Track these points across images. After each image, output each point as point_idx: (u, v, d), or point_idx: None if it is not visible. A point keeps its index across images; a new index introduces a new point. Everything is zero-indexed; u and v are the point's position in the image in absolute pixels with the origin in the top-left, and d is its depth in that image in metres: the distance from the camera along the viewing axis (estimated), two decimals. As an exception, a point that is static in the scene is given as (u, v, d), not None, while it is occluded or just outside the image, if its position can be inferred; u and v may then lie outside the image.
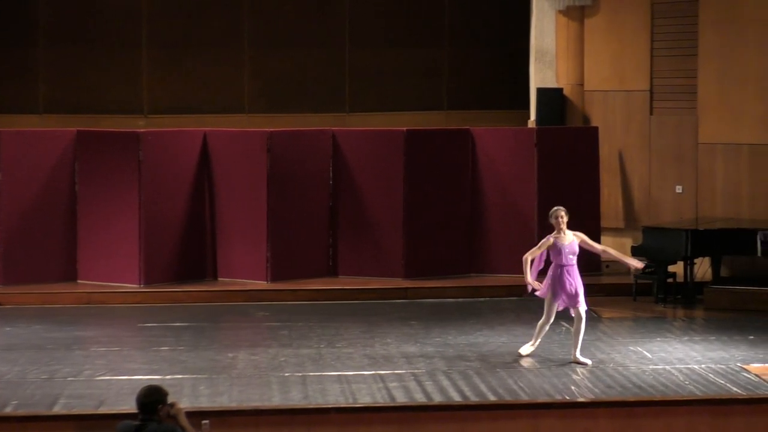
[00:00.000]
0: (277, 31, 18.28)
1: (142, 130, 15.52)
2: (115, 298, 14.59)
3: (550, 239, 11.44)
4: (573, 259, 11.41)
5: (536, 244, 15.30)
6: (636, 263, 11.82)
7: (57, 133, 15.38)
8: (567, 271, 11.36)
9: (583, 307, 11.42)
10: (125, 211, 14.87)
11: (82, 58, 18.04)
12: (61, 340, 12.50)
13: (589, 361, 11.41)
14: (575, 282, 11.39)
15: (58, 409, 9.79)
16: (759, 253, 14.10)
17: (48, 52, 18.04)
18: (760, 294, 14.17)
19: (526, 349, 11.70)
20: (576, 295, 11.35)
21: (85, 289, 14.78)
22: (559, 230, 11.42)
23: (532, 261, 11.47)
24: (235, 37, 18.22)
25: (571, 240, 11.44)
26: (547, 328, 11.64)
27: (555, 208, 11.52)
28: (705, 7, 15.66)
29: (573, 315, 11.48)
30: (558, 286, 11.36)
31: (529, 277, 11.40)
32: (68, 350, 12.01)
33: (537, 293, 11.51)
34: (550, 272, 11.45)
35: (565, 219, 11.41)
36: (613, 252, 11.71)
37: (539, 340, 11.70)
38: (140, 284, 14.82)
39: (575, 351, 11.48)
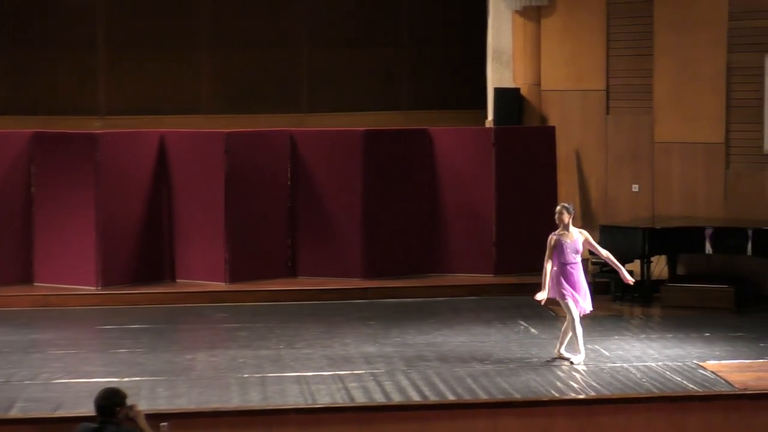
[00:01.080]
0: (235, 31, 18.23)
1: (98, 131, 15.43)
2: (72, 300, 14.49)
3: (552, 238, 11.22)
4: (576, 258, 11.25)
5: (493, 243, 15.55)
6: (629, 278, 11.52)
7: (12, 135, 15.25)
8: (570, 269, 11.18)
9: (586, 307, 11.28)
10: (82, 213, 14.77)
11: (38, 58, 17.92)
12: (18, 343, 12.41)
13: (572, 357, 11.36)
14: (579, 281, 11.23)
15: (15, 413, 9.72)
16: (708, 251, 14.22)
17: (2, 52, 17.90)
18: (716, 292, 14.29)
19: (577, 358, 11.34)
20: (578, 293, 11.22)
21: (42, 292, 14.68)
22: (563, 227, 11.24)
23: (551, 268, 11.19)
24: (193, 37, 18.17)
25: (575, 238, 11.25)
26: (579, 328, 11.20)
27: (560, 204, 11.39)
28: (660, 7, 15.78)
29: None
30: (565, 283, 11.16)
31: (545, 289, 11.10)
32: (25, 353, 11.91)
33: (544, 297, 11.14)
34: (554, 272, 11.20)
35: (566, 216, 11.20)
36: (614, 261, 11.38)
37: (574, 344, 11.34)
38: (97, 286, 14.74)
39: (560, 347, 11.46)
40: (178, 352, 12.02)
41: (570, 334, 11.38)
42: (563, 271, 11.21)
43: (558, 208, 11.39)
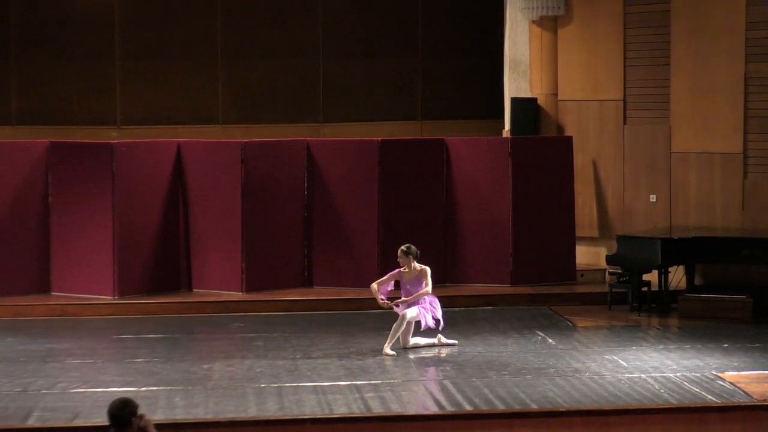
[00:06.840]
0: (251, 41, 18.27)
1: (115, 141, 15.47)
2: (88, 310, 14.52)
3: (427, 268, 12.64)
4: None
5: (509, 253, 15.56)
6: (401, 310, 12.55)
7: (29, 145, 15.30)
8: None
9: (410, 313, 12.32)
10: (98, 223, 14.81)
11: (55, 68, 17.98)
12: (35, 352, 12.43)
13: (393, 353, 12.15)
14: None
15: (32, 422, 9.73)
16: None
17: (20, 62, 17.96)
18: (734, 302, 14.23)
19: (388, 349, 12.30)
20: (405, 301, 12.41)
21: (59, 301, 14.71)
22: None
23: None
24: (209, 47, 18.20)
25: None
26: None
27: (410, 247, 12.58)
28: (677, 17, 15.75)
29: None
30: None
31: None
32: (42, 363, 11.93)
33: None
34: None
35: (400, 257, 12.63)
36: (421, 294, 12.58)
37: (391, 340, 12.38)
38: (114, 296, 14.76)
39: (388, 345, 12.26)
40: (195, 361, 12.02)
41: (398, 334, 12.31)
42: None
43: (414, 249, 12.62)
